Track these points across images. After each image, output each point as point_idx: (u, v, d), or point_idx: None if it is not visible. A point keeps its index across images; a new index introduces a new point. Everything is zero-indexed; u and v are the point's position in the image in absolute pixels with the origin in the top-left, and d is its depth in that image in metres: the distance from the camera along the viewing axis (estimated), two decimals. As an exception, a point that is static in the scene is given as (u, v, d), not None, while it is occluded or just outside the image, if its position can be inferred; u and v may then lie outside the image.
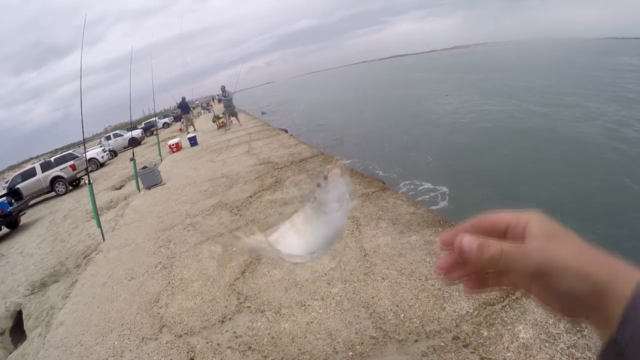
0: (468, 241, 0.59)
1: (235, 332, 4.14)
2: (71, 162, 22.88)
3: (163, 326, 4.62)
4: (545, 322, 3.33)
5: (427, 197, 12.95)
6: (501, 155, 16.75)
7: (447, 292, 3.97)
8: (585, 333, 3.15)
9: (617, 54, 74.00)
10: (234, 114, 25.03)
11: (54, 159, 23.39)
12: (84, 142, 10.95)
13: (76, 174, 23.09)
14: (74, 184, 23.43)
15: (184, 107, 29.62)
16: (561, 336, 3.15)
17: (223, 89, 24.40)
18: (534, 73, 50.36)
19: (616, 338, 0.49)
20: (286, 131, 20.11)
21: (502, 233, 0.60)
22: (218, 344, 4.03)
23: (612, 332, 0.49)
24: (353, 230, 5.76)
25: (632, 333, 0.47)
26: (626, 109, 22.74)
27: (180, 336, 4.34)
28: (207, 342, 4.11)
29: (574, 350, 3.00)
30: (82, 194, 18.55)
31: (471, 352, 3.18)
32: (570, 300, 0.53)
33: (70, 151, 25.44)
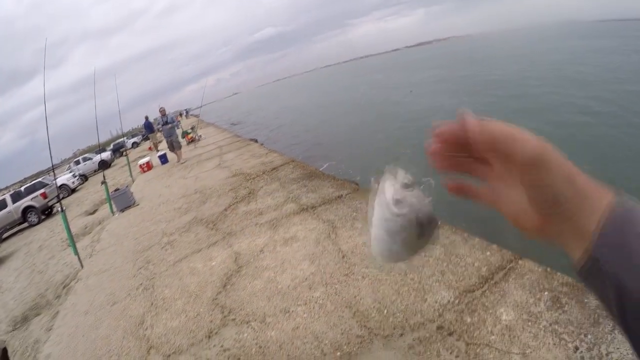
0: (471, 119, 0.53)
1: (222, 345, 4.15)
2: (42, 191, 22.41)
3: (150, 348, 4.60)
4: (526, 303, 3.41)
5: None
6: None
7: (427, 284, 4.04)
8: (566, 309, 3.22)
9: (564, 38, 75.25)
10: (176, 146, 18.80)
11: (24, 189, 22.86)
12: (52, 168, 10.80)
13: (48, 202, 22.48)
14: (47, 212, 22.84)
15: (148, 127, 28.58)
16: (542, 314, 3.23)
17: (163, 112, 18.70)
18: (479, 65, 51.26)
19: (591, 253, 0.48)
20: (256, 141, 20.00)
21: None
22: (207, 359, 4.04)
23: (587, 246, 0.48)
24: (329, 234, 5.83)
25: (609, 247, 0.46)
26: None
27: (169, 356, 4.33)
28: (196, 359, 4.10)
29: (556, 327, 3.08)
30: (56, 222, 18.20)
31: (456, 340, 3.24)
32: (553, 200, 0.50)
33: (40, 179, 25.00)
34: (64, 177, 30.11)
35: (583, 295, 3.33)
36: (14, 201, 21.90)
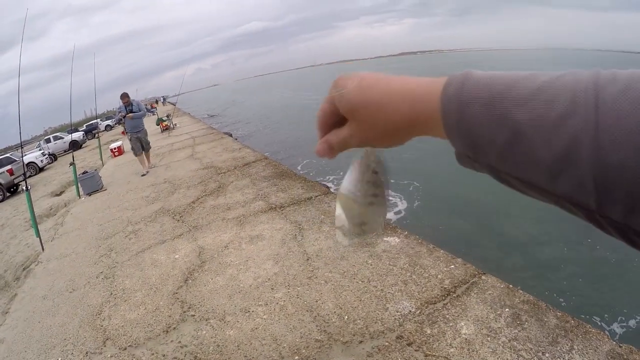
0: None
1: (180, 341, 4.10)
2: (8, 167, 22.00)
3: (107, 339, 4.52)
4: (487, 318, 3.44)
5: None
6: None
7: (389, 293, 4.05)
8: (525, 326, 3.25)
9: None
10: (145, 147, 13.42)
11: (-10, 164, 22.52)
12: (21, 145, 10.60)
13: (14, 179, 21.97)
14: (12, 190, 22.30)
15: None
16: (502, 330, 3.26)
17: (126, 99, 12.71)
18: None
19: (455, 149, 0.52)
20: (230, 135, 19.94)
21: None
22: (164, 355, 3.98)
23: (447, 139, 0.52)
24: (295, 235, 5.82)
25: (459, 134, 0.49)
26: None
27: (125, 349, 4.26)
28: (153, 354, 4.05)
29: (515, 343, 3.11)
30: (21, 200, 17.79)
31: (415, 350, 3.25)
32: (397, 126, 0.57)
33: (8, 155, 24.58)
34: (33, 155, 29.54)
35: (543, 314, 3.38)
36: (-21, 176, 21.42)
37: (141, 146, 13.12)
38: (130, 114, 12.65)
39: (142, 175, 13.07)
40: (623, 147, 0.35)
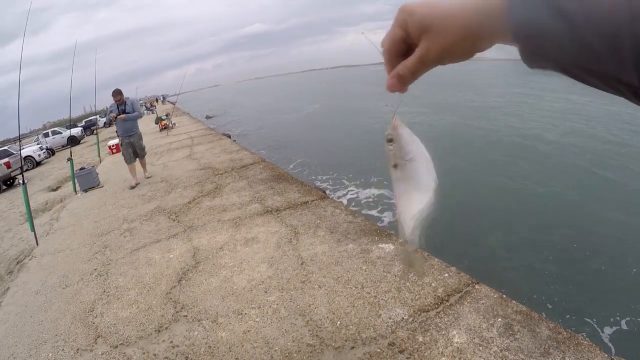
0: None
1: (172, 341, 4.09)
2: (6, 160, 21.79)
3: (98, 336, 4.51)
4: (479, 327, 3.42)
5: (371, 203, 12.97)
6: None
7: (382, 299, 4.04)
8: (517, 336, 3.25)
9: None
10: (139, 154, 11.51)
11: (-13, 156, 22.37)
12: (19, 138, 10.56)
13: (11, 172, 21.73)
14: (8, 183, 22.11)
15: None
16: (494, 340, 3.25)
17: (119, 98, 10.73)
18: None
19: (520, 48, 0.58)
20: (229, 136, 19.88)
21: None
22: (155, 355, 3.97)
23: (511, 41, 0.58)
24: (291, 239, 5.82)
25: (523, 28, 0.55)
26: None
27: (116, 347, 4.25)
28: (144, 353, 4.04)
29: (507, 353, 3.10)
30: (17, 194, 17.69)
31: (407, 358, 3.25)
32: (470, 29, 0.61)
33: (5, 147, 24.48)
34: (30, 149, 29.46)
35: (535, 324, 3.37)
36: (-25, 168, 21.30)
37: (133, 153, 11.27)
38: (123, 115, 10.71)
39: (132, 188, 11.10)
40: None
